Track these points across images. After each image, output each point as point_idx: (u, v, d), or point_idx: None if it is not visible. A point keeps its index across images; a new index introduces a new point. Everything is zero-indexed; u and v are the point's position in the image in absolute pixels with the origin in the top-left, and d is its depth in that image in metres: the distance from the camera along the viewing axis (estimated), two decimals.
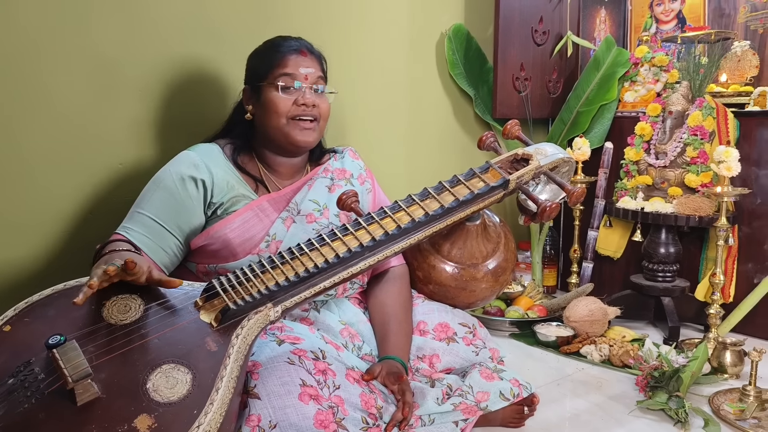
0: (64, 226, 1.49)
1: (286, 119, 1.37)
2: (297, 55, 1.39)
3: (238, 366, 0.99)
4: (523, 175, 1.34)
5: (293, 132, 1.38)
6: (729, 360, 1.81)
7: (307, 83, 1.37)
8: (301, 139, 1.38)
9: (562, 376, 1.81)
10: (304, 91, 1.37)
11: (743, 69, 2.42)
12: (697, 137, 2.10)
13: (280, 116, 1.37)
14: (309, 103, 1.36)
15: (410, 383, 1.33)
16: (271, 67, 1.38)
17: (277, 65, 1.37)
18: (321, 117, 1.41)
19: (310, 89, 1.38)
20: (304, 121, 1.38)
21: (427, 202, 1.26)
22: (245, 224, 1.35)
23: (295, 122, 1.37)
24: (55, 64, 1.44)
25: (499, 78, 2.33)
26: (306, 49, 1.41)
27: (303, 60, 1.38)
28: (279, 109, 1.36)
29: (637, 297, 2.21)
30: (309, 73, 1.38)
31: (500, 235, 1.58)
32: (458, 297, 1.56)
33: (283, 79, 1.37)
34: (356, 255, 1.14)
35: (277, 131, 1.38)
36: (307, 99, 1.36)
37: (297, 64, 1.37)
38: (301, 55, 1.39)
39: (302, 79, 1.37)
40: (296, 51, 1.39)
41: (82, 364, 0.88)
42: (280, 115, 1.37)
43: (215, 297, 1.06)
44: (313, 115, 1.38)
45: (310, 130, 1.39)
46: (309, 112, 1.37)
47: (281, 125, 1.37)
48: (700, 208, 2.03)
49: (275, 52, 1.40)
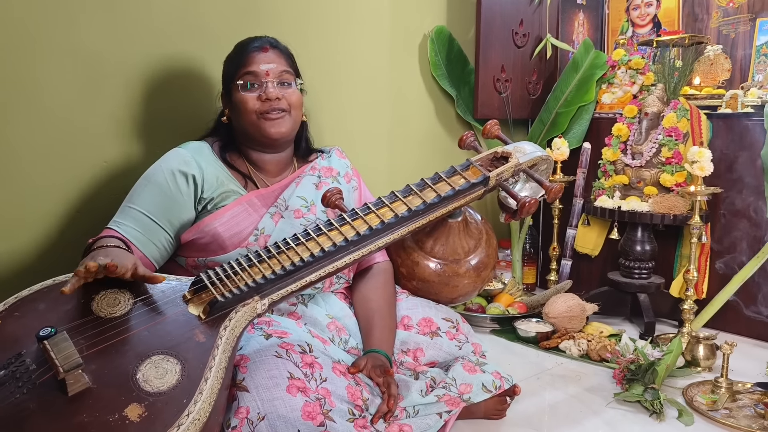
0: (51, 223, 1.50)
1: (256, 116, 1.40)
2: (258, 52, 1.42)
3: (226, 357, 1.01)
4: (502, 173, 1.38)
5: (264, 126, 1.40)
6: (702, 353, 1.87)
7: (269, 78, 1.40)
8: (274, 131, 1.41)
9: (541, 370, 1.85)
10: (266, 86, 1.40)
11: (716, 72, 2.50)
12: (672, 138, 2.16)
13: (249, 113, 1.40)
14: (272, 96, 1.39)
15: (395, 376, 1.36)
16: (237, 68, 1.42)
17: (242, 65, 1.41)
18: (291, 107, 1.43)
19: (272, 84, 1.40)
20: (273, 112, 1.40)
21: (410, 198, 1.29)
22: (234, 218, 1.38)
23: (265, 116, 1.40)
24: (41, 59, 1.44)
25: (480, 79, 2.38)
26: (269, 44, 1.44)
27: (264, 56, 1.41)
28: (247, 107, 1.40)
29: (614, 293, 2.27)
30: (270, 69, 1.41)
31: (482, 232, 1.62)
32: (441, 292, 1.59)
33: (245, 78, 1.40)
34: (341, 249, 1.17)
35: (250, 127, 1.42)
36: (269, 93, 1.39)
37: (258, 61, 1.40)
38: (262, 52, 1.42)
39: (263, 75, 1.40)
40: (258, 49, 1.42)
41: (73, 355, 0.90)
42: (249, 112, 1.40)
43: (203, 290, 1.08)
44: (280, 107, 1.40)
45: (280, 120, 1.41)
46: (275, 106, 1.40)
47: (252, 121, 1.40)
48: (675, 207, 2.09)
49: (240, 53, 1.44)
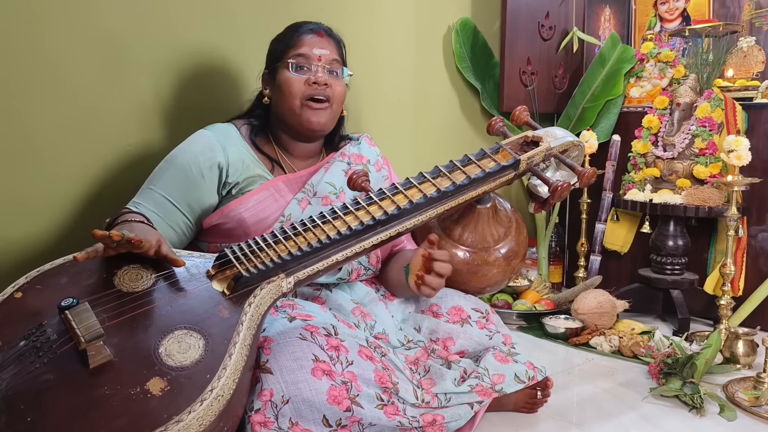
0: (73, 206, 1.48)
1: (300, 100, 1.36)
2: (313, 35, 1.39)
3: (251, 334, 0.97)
4: (533, 156, 1.33)
5: (306, 113, 1.37)
6: (741, 350, 1.79)
7: (320, 63, 1.37)
8: (315, 120, 1.37)
9: (571, 365, 1.79)
10: (316, 70, 1.36)
11: (749, 64, 2.43)
12: (706, 128, 2.10)
13: (294, 97, 1.36)
14: (321, 81, 1.35)
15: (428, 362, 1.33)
16: (287, 48, 1.38)
17: (292, 46, 1.38)
18: (334, 99, 1.39)
19: (323, 69, 1.37)
20: (317, 101, 1.37)
21: (439, 180, 1.25)
22: (260, 204, 1.35)
23: (308, 104, 1.36)
24: (63, 42, 1.43)
25: (506, 71, 2.34)
26: (323, 31, 1.41)
27: (318, 41, 1.38)
28: (292, 89, 1.36)
29: (646, 290, 2.20)
30: (323, 54, 1.38)
31: (511, 220, 1.57)
32: (470, 282, 1.54)
33: (296, 58, 1.37)
34: (369, 228, 1.13)
35: (291, 113, 1.38)
36: (319, 77, 1.35)
37: (312, 45, 1.37)
38: (317, 36, 1.39)
39: (315, 59, 1.37)
40: (312, 32, 1.39)
41: (95, 325, 0.87)
42: (294, 95, 1.36)
43: (227, 266, 1.05)
44: (326, 95, 1.37)
45: (322, 111, 1.38)
46: (321, 92, 1.36)
47: (295, 107, 1.37)
48: (710, 199, 2.02)
49: (292, 33, 1.40)
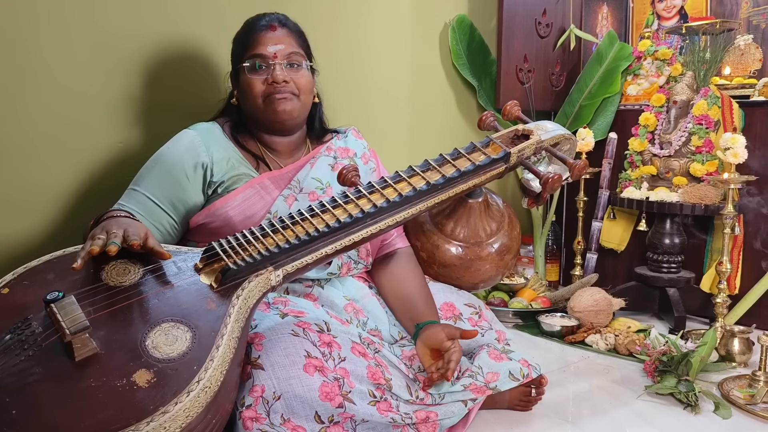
0: (63, 203, 1.48)
1: (261, 99, 1.34)
2: (267, 31, 1.34)
3: (239, 327, 0.97)
4: (524, 149, 1.32)
5: (269, 109, 1.34)
6: (737, 348, 1.78)
7: (276, 60, 1.33)
8: (280, 109, 1.33)
9: (567, 363, 1.79)
10: (273, 68, 1.32)
11: (746, 62, 2.42)
12: (702, 126, 2.09)
13: (256, 97, 1.34)
14: (279, 79, 1.31)
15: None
16: (245, 49, 1.35)
17: (249, 46, 1.34)
18: (300, 91, 1.35)
19: (280, 66, 1.33)
20: (279, 94, 1.33)
21: (429, 174, 1.25)
22: (246, 202, 1.33)
23: (270, 100, 1.33)
24: (55, 40, 1.43)
25: (503, 68, 2.33)
26: (277, 22, 1.36)
27: (272, 36, 1.34)
28: (253, 90, 1.33)
29: (642, 289, 2.19)
30: (278, 50, 1.33)
31: (503, 215, 1.57)
32: (463, 277, 1.54)
33: (251, 60, 1.33)
34: (357, 221, 1.12)
35: (256, 111, 1.36)
36: (276, 75, 1.31)
37: (266, 42, 1.33)
38: (270, 31, 1.34)
39: (271, 57, 1.32)
40: (266, 27, 1.35)
41: (80, 318, 0.86)
42: (255, 96, 1.33)
43: (215, 259, 1.04)
44: (287, 91, 1.33)
45: (285, 100, 1.33)
46: (281, 89, 1.32)
47: (258, 105, 1.34)
48: (706, 197, 2.01)
49: (248, 31, 1.37)
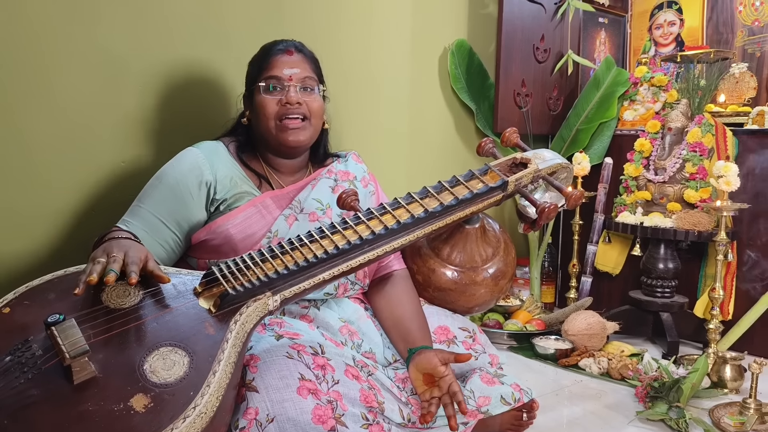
0: (66, 221, 1.50)
1: (275, 121, 1.37)
2: (283, 55, 1.39)
3: (236, 352, 0.98)
4: (521, 178, 1.35)
5: (282, 134, 1.37)
6: (729, 374, 1.80)
7: (291, 83, 1.37)
8: (292, 139, 1.38)
9: (560, 387, 1.80)
10: (288, 89, 1.37)
11: (741, 90, 2.46)
12: (696, 153, 2.12)
13: (269, 118, 1.37)
14: (293, 100, 1.36)
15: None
16: (261, 70, 1.40)
17: (265, 68, 1.39)
18: (312, 115, 1.39)
19: (295, 88, 1.37)
20: (292, 120, 1.37)
21: (427, 201, 1.26)
22: (247, 220, 1.36)
23: (284, 123, 1.37)
24: (60, 59, 1.46)
25: (500, 93, 2.36)
26: (294, 48, 1.41)
27: (289, 60, 1.39)
28: (267, 110, 1.37)
29: (636, 313, 2.21)
30: (294, 73, 1.38)
31: (499, 240, 1.59)
32: (458, 301, 1.56)
33: (267, 80, 1.38)
34: (355, 248, 1.14)
35: (268, 133, 1.39)
36: (290, 97, 1.36)
37: (282, 65, 1.38)
38: (286, 55, 1.39)
39: (287, 79, 1.37)
40: (282, 51, 1.40)
41: (80, 341, 0.88)
42: (269, 117, 1.37)
43: (214, 283, 1.06)
44: (300, 113, 1.37)
45: (299, 129, 1.38)
46: (294, 110, 1.37)
47: (271, 127, 1.38)
48: (700, 223, 2.04)
49: (264, 55, 1.41)
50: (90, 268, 1.02)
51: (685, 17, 2.68)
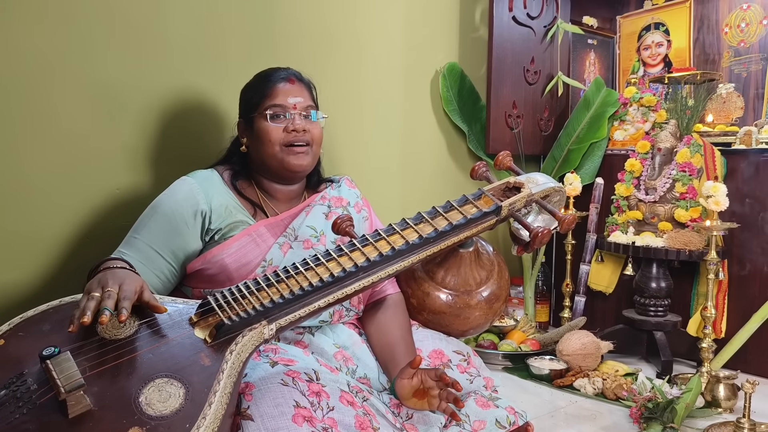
0: (61, 248, 1.50)
1: (280, 147, 1.40)
2: (285, 83, 1.43)
3: (231, 382, 0.98)
4: (515, 202, 1.36)
5: (287, 158, 1.41)
6: (723, 394, 1.80)
7: (296, 111, 1.41)
8: (296, 164, 1.41)
9: (555, 408, 1.80)
10: (293, 118, 1.41)
11: (729, 110, 2.50)
12: (686, 173, 2.15)
13: (274, 144, 1.40)
14: (299, 128, 1.40)
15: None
16: (262, 99, 1.42)
17: (267, 96, 1.42)
18: (314, 141, 1.44)
19: (299, 116, 1.41)
20: (297, 146, 1.41)
21: (421, 226, 1.28)
22: (242, 249, 1.36)
23: (289, 149, 1.41)
24: (58, 87, 1.47)
25: (492, 115, 2.39)
26: (294, 77, 1.45)
27: (291, 89, 1.43)
28: (272, 138, 1.40)
29: (630, 332, 2.22)
30: (297, 102, 1.42)
31: (494, 263, 1.60)
32: (452, 324, 1.56)
33: (272, 109, 1.41)
34: (350, 275, 1.15)
35: (272, 159, 1.42)
36: (297, 125, 1.40)
37: (286, 94, 1.42)
38: (289, 84, 1.43)
39: (291, 108, 1.41)
40: (284, 80, 1.43)
41: (75, 375, 0.88)
42: (274, 143, 1.40)
43: (210, 313, 1.06)
44: (305, 140, 1.41)
45: (303, 155, 1.42)
46: (300, 138, 1.41)
47: (275, 152, 1.41)
48: (690, 242, 2.05)
49: (265, 83, 1.44)
50: (84, 304, 1.01)
51: (673, 38, 2.73)
